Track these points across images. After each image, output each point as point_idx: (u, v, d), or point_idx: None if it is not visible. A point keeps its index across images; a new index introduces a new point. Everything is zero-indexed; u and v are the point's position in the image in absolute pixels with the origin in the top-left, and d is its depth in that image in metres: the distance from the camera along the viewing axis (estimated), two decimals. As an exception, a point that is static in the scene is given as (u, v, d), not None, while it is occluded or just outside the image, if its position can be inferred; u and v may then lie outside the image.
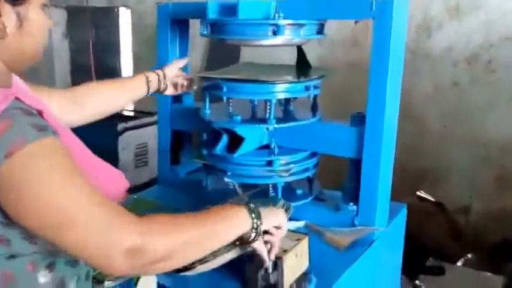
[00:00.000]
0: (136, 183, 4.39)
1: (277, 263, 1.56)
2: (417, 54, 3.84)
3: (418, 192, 3.72)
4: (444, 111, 3.85)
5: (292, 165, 2.05)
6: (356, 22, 2.70)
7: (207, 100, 2.10)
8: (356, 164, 1.97)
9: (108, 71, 5.72)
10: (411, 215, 2.29)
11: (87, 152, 1.40)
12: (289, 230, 1.67)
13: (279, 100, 2.10)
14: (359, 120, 1.94)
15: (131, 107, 5.63)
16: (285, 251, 1.58)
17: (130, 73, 5.63)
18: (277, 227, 1.51)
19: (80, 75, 5.84)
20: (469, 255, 3.38)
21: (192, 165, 2.46)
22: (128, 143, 4.80)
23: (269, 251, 1.53)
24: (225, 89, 1.99)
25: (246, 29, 1.90)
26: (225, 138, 1.99)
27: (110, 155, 4.59)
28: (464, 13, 3.67)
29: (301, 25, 1.92)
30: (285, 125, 2.01)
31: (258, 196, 2.06)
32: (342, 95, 3.61)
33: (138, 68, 5.17)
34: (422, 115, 3.90)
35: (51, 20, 1.33)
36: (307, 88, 2.00)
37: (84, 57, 5.69)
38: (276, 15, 1.86)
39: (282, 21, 1.87)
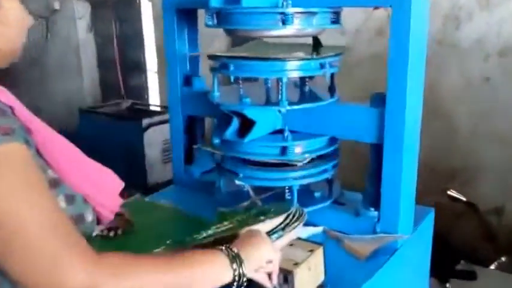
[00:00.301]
0: (163, 179, 4.42)
1: (287, 278, 1.44)
2: (445, 46, 3.72)
3: (449, 192, 3.60)
4: (475, 108, 3.73)
5: (307, 155, 1.93)
6: (375, 8, 2.56)
7: (216, 82, 1.98)
8: (377, 152, 1.83)
9: (133, 64, 5.78)
10: (441, 215, 2.21)
11: (75, 150, 1.30)
12: (303, 239, 1.59)
13: (295, 82, 1.99)
14: (380, 100, 1.80)
15: (157, 102, 5.60)
16: (297, 264, 1.46)
17: (155, 66, 5.58)
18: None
19: (106, 68, 5.89)
20: (503, 259, 3.28)
21: (206, 165, 2.36)
22: (153, 138, 4.83)
23: (270, 276, 1.38)
24: (232, 68, 1.86)
25: (252, 19, 1.79)
26: (235, 122, 1.89)
27: (136, 151, 4.62)
28: (495, 3, 3.52)
29: (312, 13, 1.80)
30: (298, 106, 1.88)
31: (272, 199, 1.97)
32: (367, 85, 3.47)
33: (163, 61, 5.10)
34: (451, 112, 3.80)
35: (31, 16, 1.23)
36: (322, 66, 1.86)
37: (109, 50, 5.78)
38: (284, 3, 1.74)
39: (290, 10, 1.74)
